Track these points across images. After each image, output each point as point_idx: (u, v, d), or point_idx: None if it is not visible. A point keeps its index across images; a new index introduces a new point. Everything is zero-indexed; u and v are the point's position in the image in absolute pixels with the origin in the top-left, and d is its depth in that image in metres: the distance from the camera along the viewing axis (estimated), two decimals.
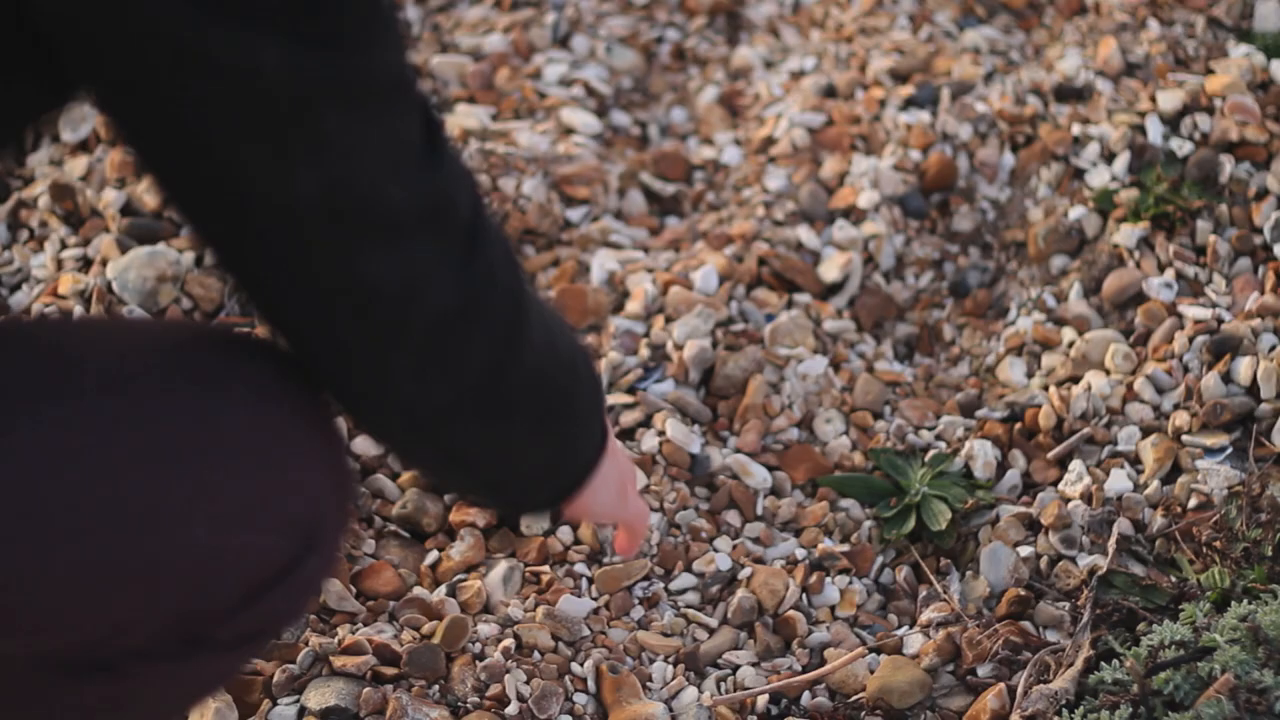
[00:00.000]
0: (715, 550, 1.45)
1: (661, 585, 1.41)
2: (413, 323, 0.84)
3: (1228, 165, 1.70)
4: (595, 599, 1.39)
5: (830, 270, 1.73)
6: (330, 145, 0.77)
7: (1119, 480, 1.46)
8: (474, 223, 0.86)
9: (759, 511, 1.49)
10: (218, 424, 0.85)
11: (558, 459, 0.99)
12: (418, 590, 1.37)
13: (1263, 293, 1.57)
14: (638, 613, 1.39)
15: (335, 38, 0.75)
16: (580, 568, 1.41)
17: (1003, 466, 1.53)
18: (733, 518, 1.48)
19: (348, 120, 0.77)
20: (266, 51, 0.73)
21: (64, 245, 1.65)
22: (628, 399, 1.55)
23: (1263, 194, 1.68)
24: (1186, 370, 1.54)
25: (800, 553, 1.45)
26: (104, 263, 1.59)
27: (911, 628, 1.40)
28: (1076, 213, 1.73)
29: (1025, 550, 1.42)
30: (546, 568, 1.40)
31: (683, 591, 1.42)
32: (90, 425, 0.81)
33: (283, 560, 0.88)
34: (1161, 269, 1.65)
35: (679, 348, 1.58)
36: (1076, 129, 1.80)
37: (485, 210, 0.88)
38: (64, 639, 0.86)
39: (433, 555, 1.41)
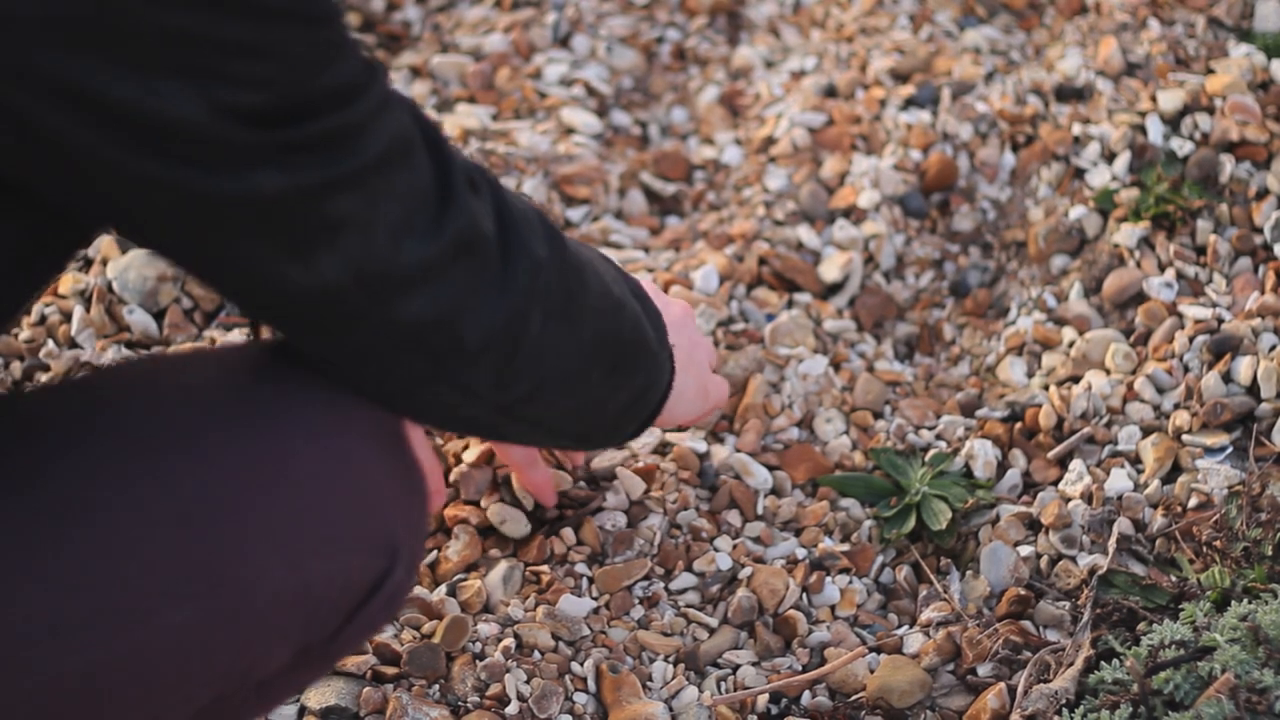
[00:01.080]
0: (715, 550, 1.45)
1: (662, 585, 1.41)
2: (471, 348, 0.89)
3: (1228, 165, 1.70)
4: (595, 598, 1.39)
5: (830, 270, 1.73)
6: (346, 228, 0.80)
7: (1119, 480, 1.46)
8: (502, 228, 0.89)
9: (759, 511, 1.49)
10: (280, 458, 0.85)
11: (637, 397, 1.08)
12: (417, 590, 1.38)
13: (1263, 292, 1.57)
14: (638, 612, 1.39)
15: (325, 141, 0.78)
16: (580, 567, 1.41)
17: (1003, 466, 1.53)
18: (733, 517, 1.48)
19: (357, 201, 0.80)
20: (264, 178, 0.76)
21: None
22: None
23: (1263, 194, 1.68)
24: (1187, 370, 1.54)
25: (800, 552, 1.45)
26: (104, 262, 1.59)
27: (911, 627, 1.40)
28: (1077, 212, 1.73)
29: (1025, 550, 1.42)
30: (546, 567, 1.40)
31: (683, 591, 1.42)
32: (154, 495, 0.82)
33: (371, 578, 0.90)
34: (1162, 269, 1.65)
35: None
36: (1077, 129, 1.80)
37: (508, 205, 0.90)
38: (197, 701, 0.89)
39: (431, 555, 1.41)
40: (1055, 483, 1.50)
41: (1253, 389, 1.50)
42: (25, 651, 0.80)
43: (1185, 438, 1.49)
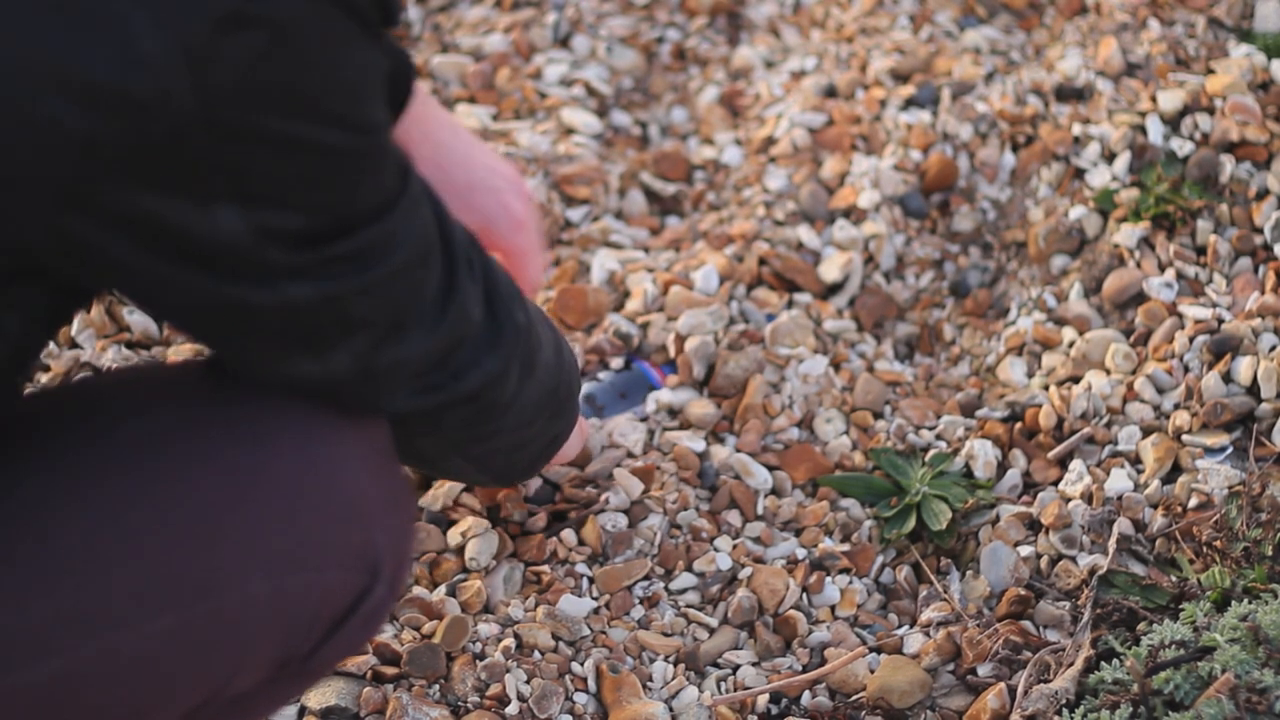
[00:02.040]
0: (716, 550, 1.45)
1: (662, 585, 1.41)
2: (451, 419, 0.97)
3: (1228, 165, 1.70)
4: (595, 598, 1.39)
5: (831, 270, 1.73)
6: (363, 329, 0.85)
7: (1119, 480, 1.46)
8: (490, 304, 0.95)
9: (759, 511, 1.49)
10: (263, 469, 0.86)
11: (553, 441, 1.19)
12: (417, 590, 1.38)
13: (1263, 292, 1.57)
14: (638, 612, 1.39)
15: (358, 254, 0.81)
16: (581, 567, 1.41)
17: (1003, 466, 1.53)
18: (733, 517, 1.48)
19: (378, 305, 0.84)
20: (296, 289, 0.80)
21: None
22: None
23: (1263, 194, 1.68)
24: (1187, 370, 1.54)
25: (800, 552, 1.45)
26: None
27: (912, 627, 1.40)
28: (1077, 213, 1.73)
29: (1025, 550, 1.42)
30: (546, 567, 1.40)
31: (683, 591, 1.42)
32: (134, 501, 0.84)
33: (351, 594, 0.91)
34: (1162, 269, 1.65)
35: (682, 337, 1.59)
36: (1077, 129, 1.80)
37: (495, 279, 0.96)
38: (169, 713, 0.89)
39: (429, 555, 1.41)
40: (1055, 483, 1.50)
41: (1253, 389, 1.50)
42: None
43: (1185, 438, 1.49)
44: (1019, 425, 1.56)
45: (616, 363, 1.58)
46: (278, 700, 0.98)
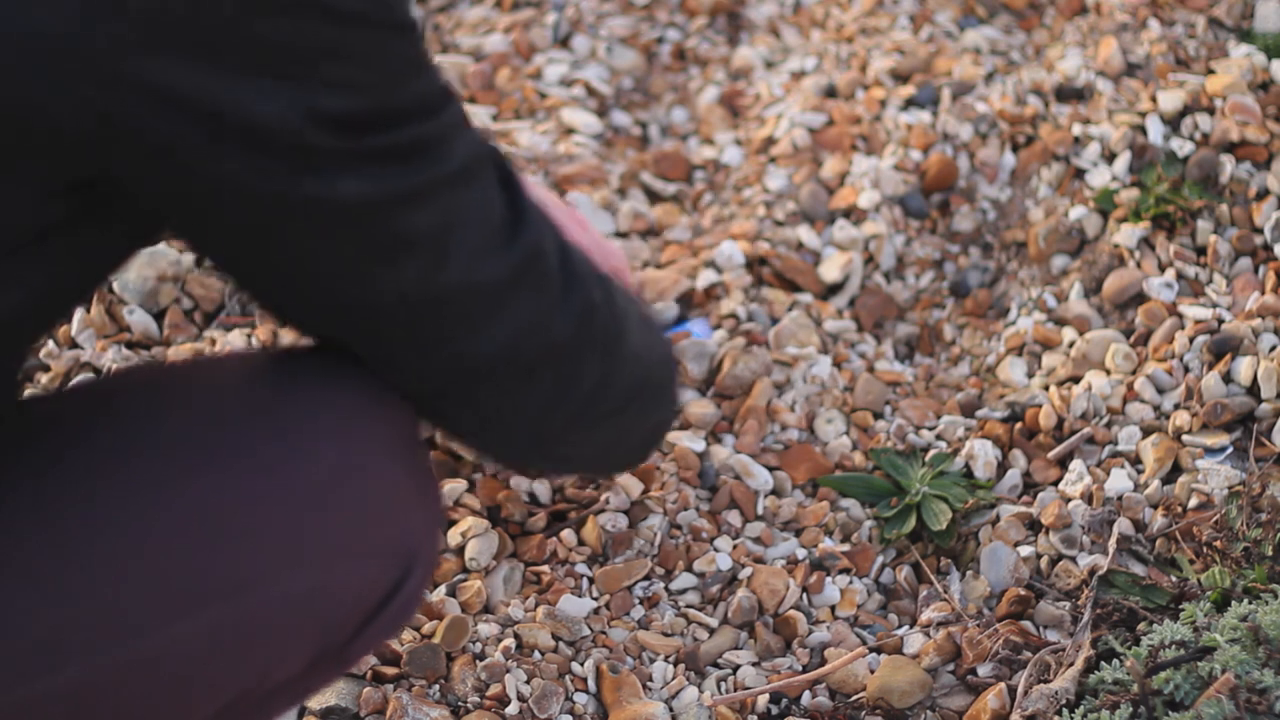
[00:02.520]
0: (716, 550, 1.45)
1: (662, 585, 1.41)
2: (528, 373, 0.89)
3: (1228, 165, 1.70)
4: (596, 599, 1.39)
5: (831, 270, 1.73)
6: (422, 247, 0.81)
7: (1119, 480, 1.46)
8: (562, 258, 0.89)
9: (759, 511, 1.49)
10: (297, 465, 0.86)
11: (651, 435, 1.07)
12: None
13: (1263, 293, 1.57)
14: (638, 612, 1.39)
15: (409, 149, 0.79)
16: (581, 568, 1.41)
17: (1003, 466, 1.53)
18: (733, 518, 1.48)
19: (435, 217, 0.81)
20: (346, 184, 0.77)
21: None
22: None
23: (1263, 194, 1.67)
24: (1187, 370, 1.54)
25: (801, 553, 1.45)
26: None
27: (912, 627, 1.40)
28: (1077, 213, 1.73)
29: (1026, 550, 1.42)
30: (546, 568, 1.40)
31: (683, 591, 1.42)
32: (165, 502, 0.83)
33: (387, 583, 0.91)
34: (1162, 269, 1.65)
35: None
36: (1077, 129, 1.80)
37: (566, 241, 0.91)
38: (213, 705, 0.89)
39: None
40: (1055, 483, 1.50)
41: (1253, 389, 1.50)
42: (28, 661, 0.80)
43: (1185, 438, 1.49)
44: (1019, 425, 1.56)
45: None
46: (312, 689, 0.98)
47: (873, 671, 1.34)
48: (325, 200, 0.77)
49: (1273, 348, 1.51)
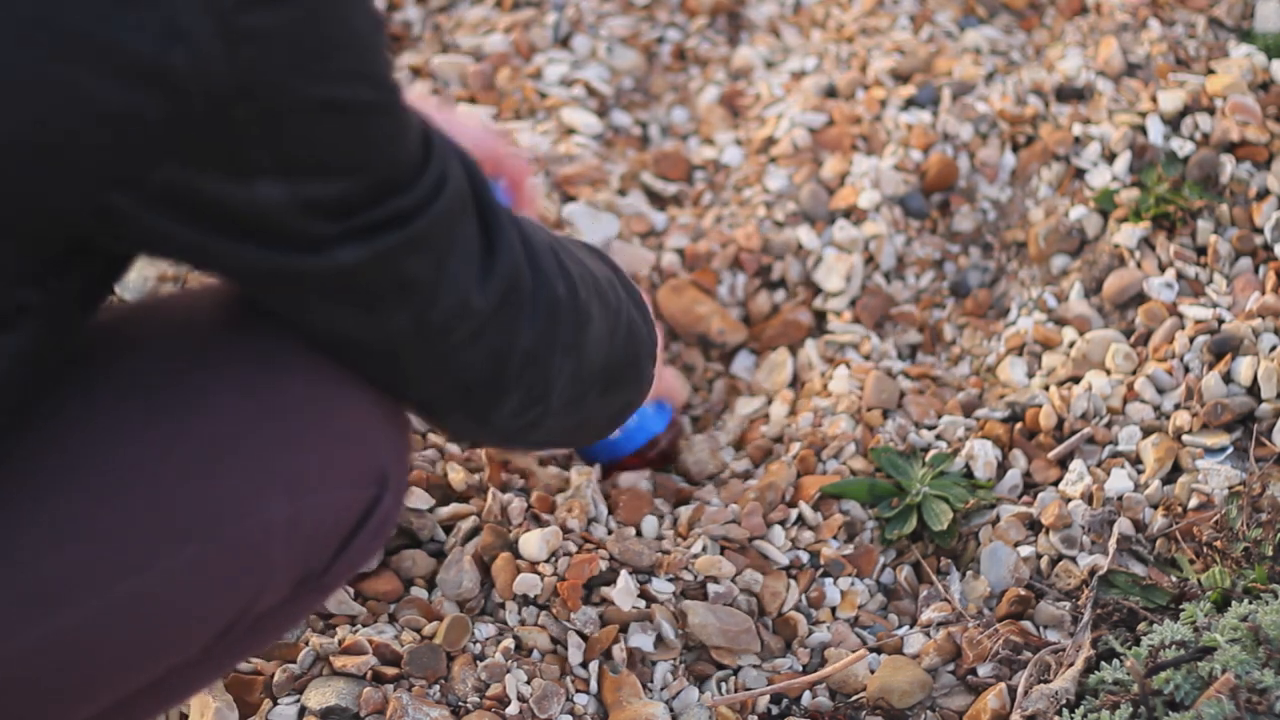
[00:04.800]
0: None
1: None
2: (506, 382, 0.94)
3: (1229, 165, 1.70)
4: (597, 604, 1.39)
5: (831, 279, 1.72)
6: (416, 289, 0.86)
7: (1119, 480, 1.46)
8: (534, 274, 0.94)
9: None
10: (270, 394, 0.88)
11: (620, 413, 1.14)
12: (416, 590, 1.38)
13: (1263, 293, 1.57)
14: None
15: (402, 213, 0.82)
16: None
17: (1003, 466, 1.53)
18: None
19: (427, 260, 0.85)
20: (345, 253, 0.81)
21: None
22: None
23: (1264, 194, 1.67)
24: (1187, 370, 1.54)
25: (805, 557, 1.45)
26: None
27: (912, 627, 1.40)
28: (1077, 213, 1.73)
29: (1026, 550, 1.42)
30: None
31: None
32: (147, 438, 0.85)
33: (361, 507, 0.93)
34: (1162, 269, 1.65)
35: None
36: (1077, 129, 1.80)
37: (529, 237, 0.95)
38: (204, 636, 0.91)
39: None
40: (1055, 483, 1.50)
41: (1253, 389, 1.50)
42: (22, 608, 0.81)
43: (1185, 438, 1.49)
44: (1019, 425, 1.56)
45: None
46: (296, 617, 1.01)
47: (873, 671, 1.34)
48: (324, 268, 0.81)
49: (1273, 348, 1.51)
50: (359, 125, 0.78)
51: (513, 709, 1.26)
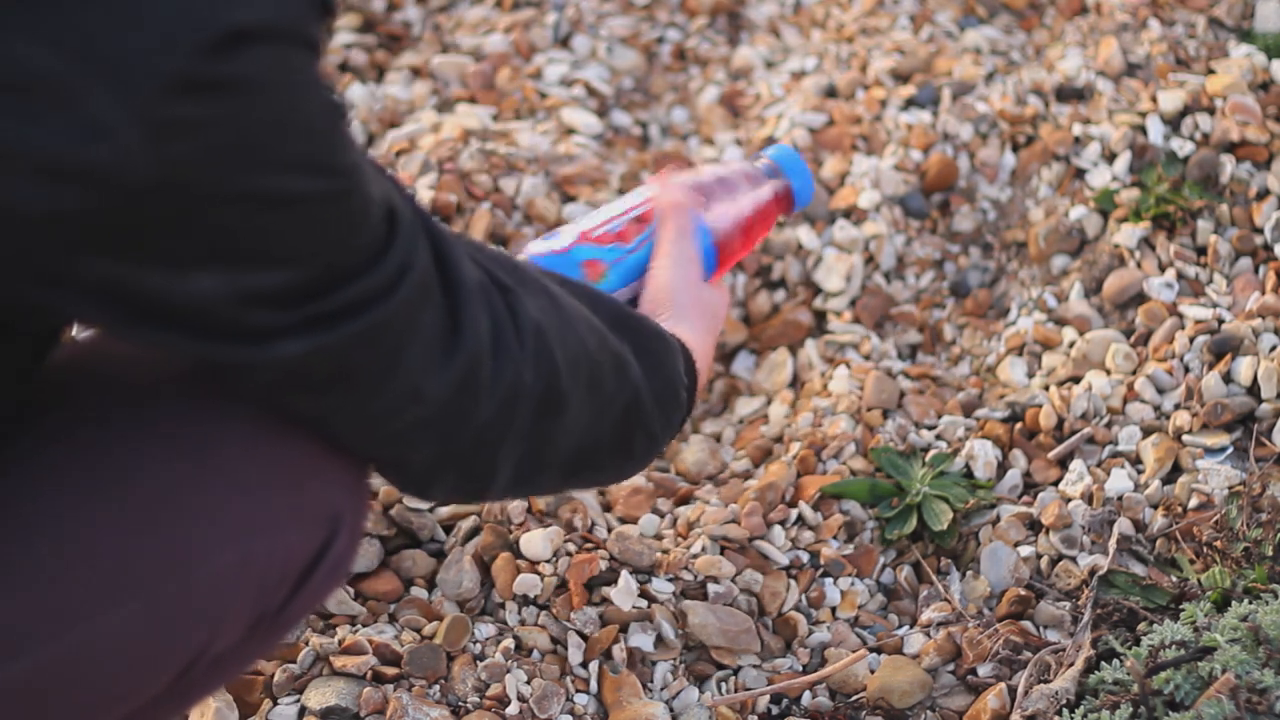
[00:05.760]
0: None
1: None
2: (443, 463, 0.93)
3: (1229, 165, 1.70)
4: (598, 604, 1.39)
5: (831, 278, 1.72)
6: (357, 379, 0.84)
7: (1119, 480, 1.46)
8: (497, 359, 0.91)
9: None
10: (213, 439, 0.87)
11: (611, 480, 1.15)
12: (416, 590, 1.38)
13: (1263, 293, 1.57)
14: None
15: (349, 307, 0.80)
16: None
17: (1003, 466, 1.53)
18: None
19: (373, 353, 0.82)
20: (286, 347, 0.78)
21: None
22: None
23: (1264, 194, 1.67)
24: (1187, 370, 1.54)
25: (805, 557, 1.45)
26: None
27: (912, 627, 1.40)
28: (1077, 213, 1.73)
29: (1026, 550, 1.42)
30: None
31: None
32: (93, 492, 0.84)
33: (314, 548, 0.92)
34: (1162, 269, 1.65)
35: None
36: (1077, 129, 1.80)
37: (519, 326, 0.93)
38: (162, 680, 0.90)
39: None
40: (1055, 483, 1.50)
41: (1253, 389, 1.50)
42: None
43: (1186, 438, 1.49)
44: (1019, 425, 1.56)
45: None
46: (255, 655, 1.00)
47: (873, 671, 1.34)
48: (266, 361, 0.79)
49: (1273, 348, 1.51)
50: (305, 215, 0.75)
51: (513, 709, 1.26)
